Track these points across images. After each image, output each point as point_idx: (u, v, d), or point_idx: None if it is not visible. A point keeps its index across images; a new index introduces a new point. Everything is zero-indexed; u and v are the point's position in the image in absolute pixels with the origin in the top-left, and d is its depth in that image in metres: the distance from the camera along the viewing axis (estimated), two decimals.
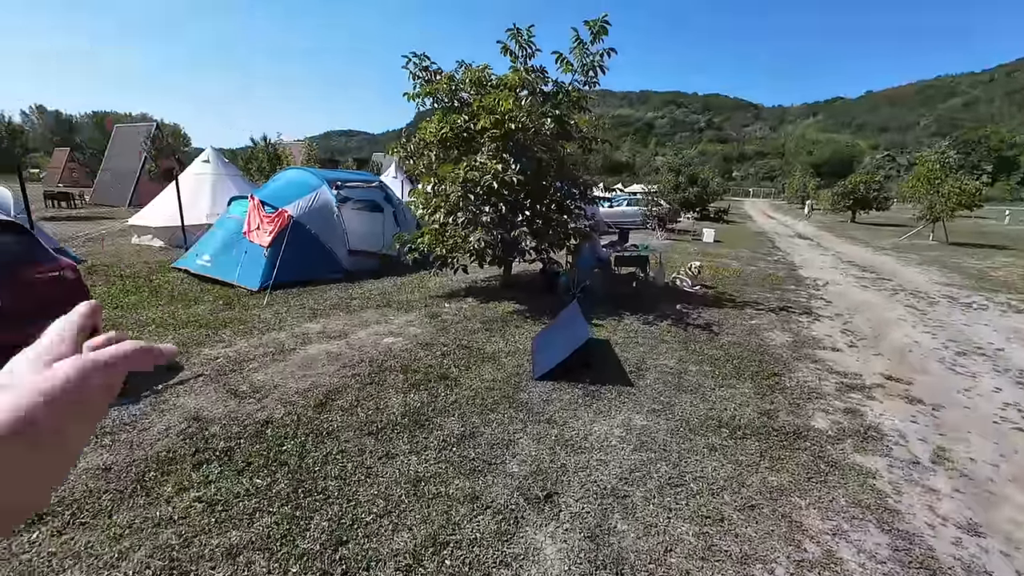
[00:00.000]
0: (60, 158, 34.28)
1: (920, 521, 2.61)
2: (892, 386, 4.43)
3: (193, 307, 6.16)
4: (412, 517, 2.46)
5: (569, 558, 2.25)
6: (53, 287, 3.80)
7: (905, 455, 3.26)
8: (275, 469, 2.78)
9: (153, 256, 9.58)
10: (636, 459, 3.09)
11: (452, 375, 4.25)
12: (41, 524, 2.28)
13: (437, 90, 6.68)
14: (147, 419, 3.30)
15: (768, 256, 13.04)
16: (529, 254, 7.08)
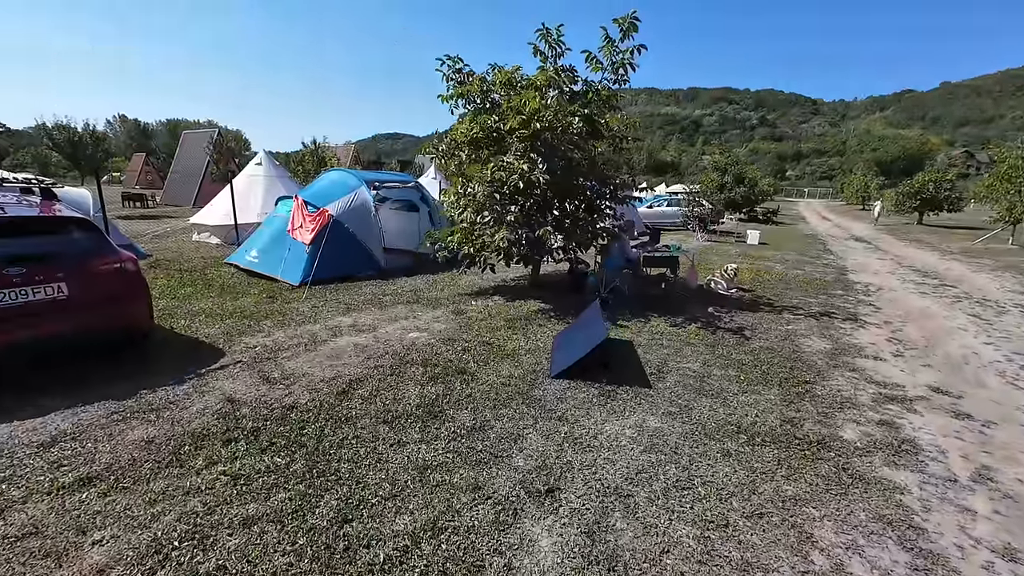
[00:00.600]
0: (137, 162, 37.52)
1: (948, 541, 2.43)
2: (938, 399, 4.11)
3: (240, 299, 6.62)
4: (415, 502, 2.56)
5: (563, 551, 2.27)
6: (115, 278, 4.22)
7: (942, 472, 3.03)
8: (294, 450, 2.98)
9: (210, 252, 10.34)
10: (644, 460, 3.06)
11: (470, 370, 4.35)
12: (91, 486, 2.57)
13: (469, 92, 6.83)
14: (188, 399, 3.61)
15: (817, 259, 12.33)
16: (556, 254, 7.08)
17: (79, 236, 4.23)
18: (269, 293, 6.99)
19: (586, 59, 6.30)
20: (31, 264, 3.76)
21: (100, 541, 2.19)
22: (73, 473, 2.67)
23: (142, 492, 2.54)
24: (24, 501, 2.45)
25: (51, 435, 3.06)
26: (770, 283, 8.82)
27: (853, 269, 11.07)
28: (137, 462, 2.79)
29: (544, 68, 6.43)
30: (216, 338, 5.01)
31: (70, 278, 3.91)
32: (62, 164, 26.29)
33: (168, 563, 2.09)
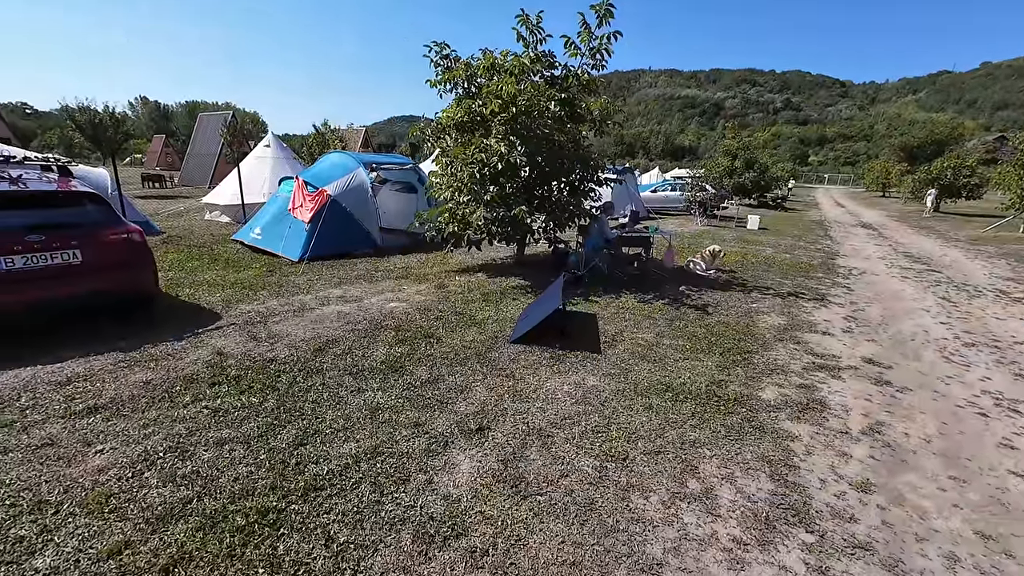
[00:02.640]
0: (157, 144, 38.59)
1: (814, 477, 2.79)
2: (867, 369, 4.41)
3: (242, 272, 7.16)
4: (362, 434, 3.02)
5: (477, 473, 2.71)
6: (123, 247, 4.74)
7: (837, 426, 3.37)
8: (268, 392, 3.47)
9: (219, 230, 10.94)
10: (573, 410, 3.46)
11: (437, 335, 4.79)
12: (97, 413, 3.10)
13: (455, 76, 7.13)
14: (184, 352, 4.13)
15: (812, 245, 12.40)
16: (536, 233, 7.43)
17: (91, 209, 4.75)
18: (270, 267, 7.51)
19: (564, 44, 6.54)
20: (49, 232, 4.29)
21: (101, 451, 2.71)
22: (83, 404, 3.21)
23: (137, 419, 3.05)
24: (43, 422, 2.98)
25: (67, 376, 3.60)
26: (753, 266, 9.03)
27: (845, 254, 11.15)
28: (135, 398, 3.32)
29: (524, 54, 6.69)
30: (215, 304, 5.54)
31: (83, 246, 4.44)
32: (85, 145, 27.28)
33: (153, 467, 2.59)
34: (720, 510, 2.49)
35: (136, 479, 2.50)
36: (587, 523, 2.36)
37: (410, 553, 2.13)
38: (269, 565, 2.02)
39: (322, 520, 2.29)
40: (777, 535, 2.33)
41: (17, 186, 4.46)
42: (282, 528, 2.22)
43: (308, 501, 2.41)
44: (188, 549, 2.07)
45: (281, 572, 2.00)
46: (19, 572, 1.92)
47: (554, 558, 2.14)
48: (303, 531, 2.22)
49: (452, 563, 2.09)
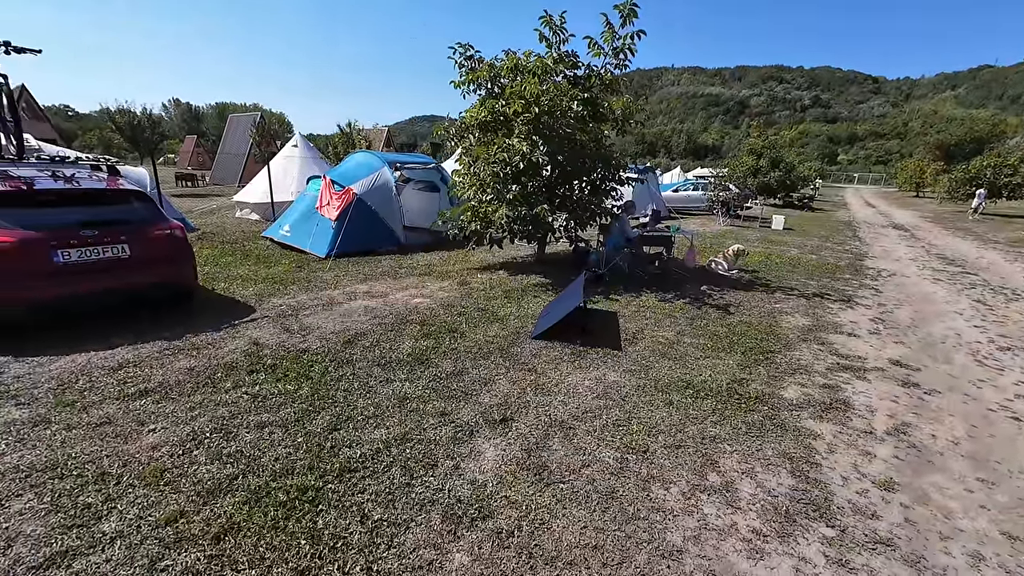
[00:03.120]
0: (189, 144, 39.96)
1: (836, 474, 2.81)
2: (893, 370, 4.35)
3: (272, 268, 7.44)
4: (391, 421, 3.17)
5: (502, 460, 2.82)
6: (166, 242, 5.01)
7: (861, 426, 3.36)
8: (302, 381, 3.65)
9: (249, 227, 11.33)
10: (594, 404, 3.54)
11: (461, 330, 4.92)
12: (147, 396, 3.32)
13: (479, 77, 7.25)
14: (223, 341, 4.36)
15: (840, 246, 12.12)
16: (557, 232, 7.49)
17: (138, 206, 5.04)
18: (298, 263, 7.78)
19: (588, 45, 6.60)
20: (101, 228, 4.58)
21: (154, 430, 2.92)
22: (135, 388, 3.44)
23: (184, 402, 3.26)
24: (100, 403, 3.22)
25: (118, 362, 3.85)
26: (777, 266, 8.90)
27: (874, 256, 10.88)
28: (181, 383, 3.54)
29: (547, 54, 6.76)
30: (249, 298, 5.80)
31: (131, 241, 4.72)
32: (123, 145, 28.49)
33: (201, 446, 2.78)
34: (740, 503, 2.54)
35: (186, 456, 2.69)
36: (608, 510, 2.44)
37: (440, 532, 2.25)
38: (310, 537, 2.17)
39: (357, 499, 2.43)
40: (797, 528, 2.37)
41: (71, 184, 4.77)
42: (320, 505, 2.37)
43: (343, 481, 2.56)
44: (236, 520, 2.24)
45: (321, 544, 2.14)
46: (89, 534, 2.12)
47: (577, 541, 2.23)
48: (340, 508, 2.36)
49: (480, 542, 2.20)
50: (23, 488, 2.38)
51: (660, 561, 2.14)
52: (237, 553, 2.06)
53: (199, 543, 2.10)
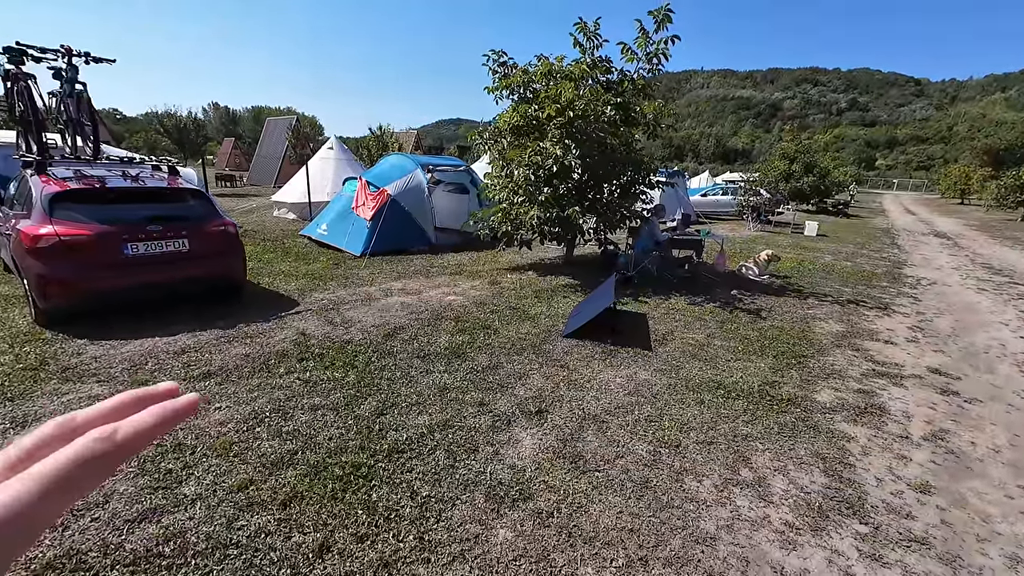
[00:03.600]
0: (227, 146, 41.64)
1: (870, 476, 2.83)
2: (932, 379, 4.29)
3: (311, 264, 7.79)
4: (433, 409, 3.35)
5: (539, 448, 2.96)
6: (221, 237, 5.36)
7: (897, 431, 3.36)
8: (348, 369, 3.87)
9: (287, 225, 11.83)
10: (626, 400, 3.64)
11: (494, 327, 5.08)
12: (210, 378, 3.60)
13: (512, 83, 7.44)
14: (273, 332, 4.64)
15: (877, 253, 11.78)
16: (587, 234, 7.59)
17: (195, 204, 5.40)
18: (335, 261, 8.11)
19: (622, 51, 6.69)
20: (164, 223, 4.94)
21: (219, 408, 3.18)
22: (198, 371, 3.73)
23: (244, 384, 3.53)
24: None
25: (180, 347, 4.17)
26: (810, 272, 8.76)
27: (914, 264, 10.55)
28: (239, 367, 3.81)
29: (581, 60, 6.89)
30: (292, 292, 6.12)
31: (190, 236, 5.07)
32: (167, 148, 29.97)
33: (261, 424, 3.02)
34: (773, 497, 2.60)
35: (250, 432, 2.93)
36: (643, 498, 2.55)
37: (484, 509, 2.41)
38: (366, 508, 2.36)
39: (406, 477, 2.61)
40: (830, 523, 2.43)
41: (138, 183, 5.16)
42: (373, 480, 2.56)
43: (392, 461, 2.75)
44: (299, 490, 2.45)
45: (376, 515, 2.32)
46: (172, 495, 2.36)
47: (613, 524, 2.35)
48: (391, 484, 2.55)
49: (521, 521, 2.35)
50: None
51: (694, 546, 2.24)
52: (302, 518, 2.27)
53: (268, 508, 2.32)
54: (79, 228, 4.43)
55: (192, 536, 2.12)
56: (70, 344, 4.12)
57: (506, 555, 2.14)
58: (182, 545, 2.07)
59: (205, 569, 1.97)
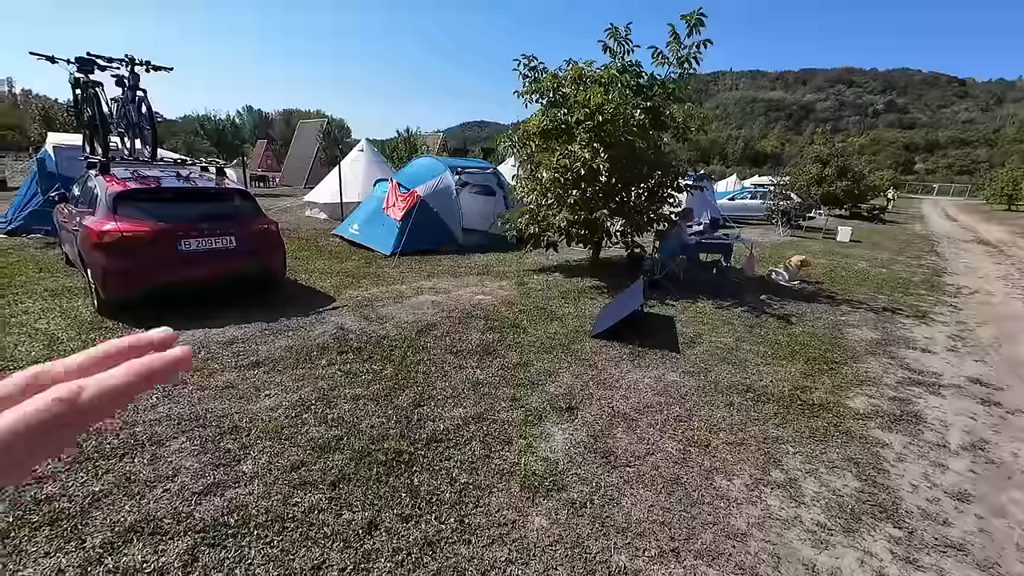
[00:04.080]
0: (260, 148, 43.09)
1: (906, 482, 2.82)
2: (972, 388, 4.19)
3: (344, 263, 8.07)
4: (467, 402, 3.48)
5: (571, 443, 3.05)
6: (263, 235, 5.64)
7: (934, 439, 3.31)
8: (386, 363, 4.05)
9: (320, 225, 12.23)
10: (655, 400, 3.70)
11: (523, 326, 5.20)
12: (259, 368, 3.83)
13: (542, 87, 7.55)
14: (313, 326, 4.87)
15: (914, 260, 11.40)
16: (613, 237, 7.63)
17: (242, 204, 5.70)
18: (367, 260, 8.38)
19: (652, 55, 6.73)
20: (213, 221, 5.24)
21: (268, 395, 3.39)
22: (247, 360, 3.96)
23: (289, 374, 3.74)
24: (221, 372, 3.75)
25: (229, 338, 4.43)
26: (842, 279, 8.57)
27: (954, 272, 10.17)
28: (284, 358, 4.03)
29: (611, 65, 6.96)
30: (328, 289, 6.37)
31: (237, 234, 5.36)
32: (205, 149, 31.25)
33: (307, 411, 3.21)
34: (804, 498, 2.63)
35: (298, 418, 3.12)
36: (674, 494, 2.61)
37: (519, 497, 2.52)
38: (409, 492, 2.50)
39: (445, 464, 2.75)
40: (863, 526, 2.44)
41: (190, 183, 5.48)
42: (414, 467, 2.71)
43: (431, 449, 2.89)
44: (346, 472, 2.61)
45: (419, 498, 2.46)
46: (233, 472, 2.55)
47: (645, 517, 2.42)
48: (431, 471, 2.68)
49: (556, 510, 2.45)
50: (177, 432, 2.88)
51: (725, 540, 2.29)
52: (351, 498, 2.42)
53: (319, 487, 2.48)
54: (139, 225, 4.75)
55: (253, 509, 2.30)
56: (129, 333, 4.43)
57: (542, 540, 2.24)
58: (245, 517, 2.25)
59: (266, 539, 2.14)
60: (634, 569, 2.11)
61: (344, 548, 2.12)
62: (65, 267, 6.68)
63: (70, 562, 1.97)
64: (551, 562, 2.13)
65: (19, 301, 5.16)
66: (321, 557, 2.07)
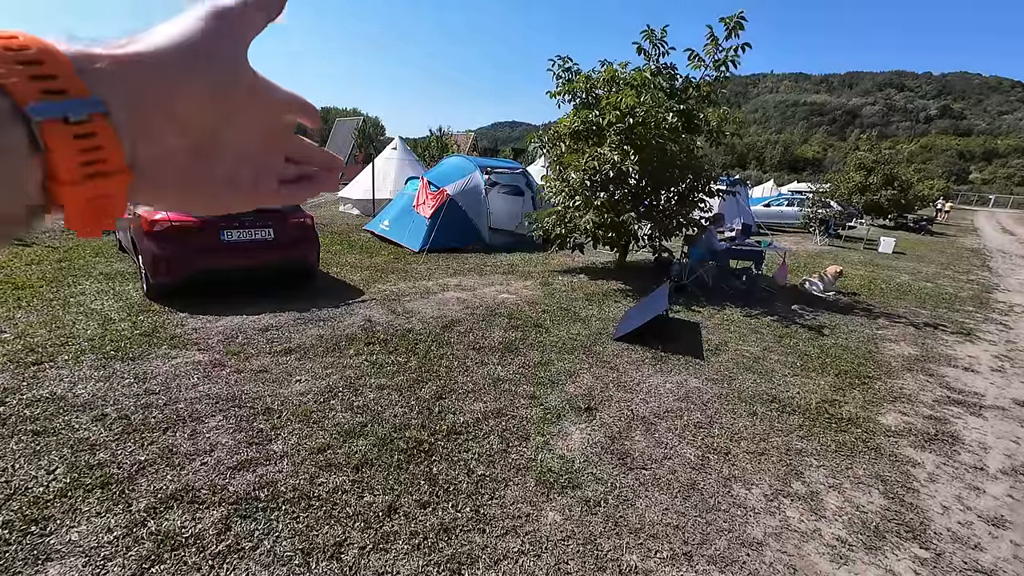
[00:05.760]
0: None
1: (936, 503, 2.71)
2: (1018, 411, 3.97)
3: (374, 258, 8.30)
4: (487, 398, 3.55)
5: (588, 443, 3.08)
6: (300, 228, 5.88)
7: (971, 461, 3.17)
8: (410, 355, 4.17)
9: (352, 220, 12.59)
10: (675, 405, 3.67)
11: (545, 325, 5.24)
12: (291, 354, 4.01)
13: (575, 88, 7.56)
14: (342, 317, 5.05)
15: (963, 275, 10.80)
16: (641, 240, 7.57)
17: None
18: (396, 255, 8.59)
19: (688, 58, 6.64)
20: (254, 213, 5.50)
21: (299, 380, 3.56)
22: (280, 347, 4.16)
23: (319, 362, 3.91)
24: (256, 356, 3.95)
25: (264, 325, 4.65)
26: (882, 292, 8.22)
27: (1008, 288, 9.59)
28: (314, 346, 4.21)
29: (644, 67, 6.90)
30: (357, 283, 6.58)
31: (275, 225, 5.61)
32: None
33: (335, 397, 3.35)
34: (826, 512, 2.57)
35: (326, 403, 3.26)
36: (690, 499, 2.60)
37: (534, 492, 2.57)
38: (428, 480, 2.59)
39: (463, 456, 2.82)
40: (887, 544, 2.37)
41: None
42: (434, 456, 2.79)
43: (450, 441, 2.97)
44: (369, 457, 2.72)
45: (437, 486, 2.54)
46: (264, 451, 2.71)
47: (659, 520, 2.43)
48: (449, 461, 2.77)
49: (570, 507, 2.48)
50: (214, 411, 3.06)
51: (740, 548, 2.28)
52: (373, 482, 2.53)
53: (343, 470, 2.60)
54: (187, 215, 5.04)
55: (281, 486, 2.44)
56: (174, 316, 4.71)
57: (555, 535, 2.28)
58: (274, 493, 2.39)
59: (293, 514, 2.27)
60: (645, 569, 2.13)
61: (365, 528, 2.22)
62: (118, 252, 7.14)
63: (118, 523, 2.15)
64: (562, 556, 2.16)
65: (77, 283, 5.56)
66: (343, 535, 2.17)
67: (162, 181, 0.28)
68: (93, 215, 0.25)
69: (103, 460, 2.55)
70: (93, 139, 0.24)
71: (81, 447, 2.64)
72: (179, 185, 0.29)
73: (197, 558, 2.00)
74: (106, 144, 0.24)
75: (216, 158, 0.30)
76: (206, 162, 0.30)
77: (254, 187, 0.32)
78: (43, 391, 3.16)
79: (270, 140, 0.32)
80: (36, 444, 2.64)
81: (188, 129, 0.28)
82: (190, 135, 0.28)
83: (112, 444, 2.68)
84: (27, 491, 2.29)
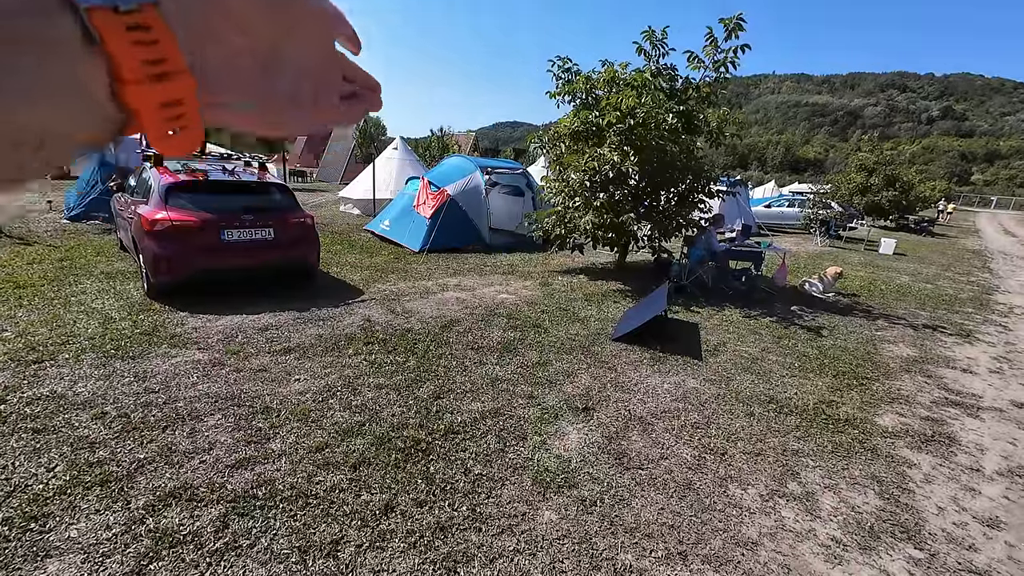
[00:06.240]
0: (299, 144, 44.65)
1: (932, 504, 2.72)
2: (1016, 413, 3.97)
3: (374, 257, 8.32)
4: (484, 397, 3.56)
5: (585, 443, 3.09)
6: (299, 228, 5.90)
7: (967, 462, 3.17)
8: (409, 355, 4.18)
9: (353, 220, 12.62)
10: (672, 406, 3.68)
11: (544, 326, 5.25)
12: (290, 354, 4.03)
13: (574, 88, 7.57)
14: (342, 316, 5.07)
15: (963, 276, 10.80)
16: (640, 241, 7.58)
17: (280, 197, 5.98)
18: (396, 255, 8.61)
19: (688, 59, 6.65)
20: (254, 213, 5.52)
21: (298, 380, 3.57)
22: (279, 346, 4.18)
23: (318, 361, 3.92)
24: (256, 355, 3.97)
25: (264, 325, 4.67)
26: (882, 293, 8.22)
27: (1008, 290, 9.58)
28: (314, 346, 4.23)
29: (645, 68, 6.91)
30: (357, 282, 6.59)
31: (275, 225, 5.63)
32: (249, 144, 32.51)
33: (333, 397, 3.37)
34: (820, 512, 2.58)
35: (324, 403, 3.28)
36: (685, 499, 2.61)
37: (531, 491, 2.58)
38: (425, 479, 2.60)
39: (460, 455, 2.84)
40: (881, 544, 2.38)
41: (234, 177, 5.79)
42: (431, 455, 2.81)
43: (448, 440, 2.98)
44: (367, 456, 2.73)
45: (434, 485, 2.56)
46: (261, 449, 2.72)
47: (655, 519, 2.44)
48: (447, 460, 2.78)
49: (566, 506, 2.49)
50: (213, 410, 3.08)
51: (735, 548, 2.29)
52: (370, 481, 2.54)
53: (341, 468, 2.62)
54: (188, 215, 5.07)
55: (279, 484, 2.45)
56: (175, 315, 4.74)
57: (550, 534, 2.30)
58: (272, 491, 2.41)
59: (291, 512, 2.28)
60: (640, 568, 2.14)
61: (362, 526, 2.24)
62: (119, 252, 7.17)
63: (116, 520, 2.16)
64: (557, 555, 2.18)
65: (78, 282, 5.58)
66: (340, 533, 2.19)
67: (226, 90, 0.27)
68: (170, 123, 0.24)
69: (102, 458, 2.56)
70: (148, 32, 0.22)
71: (81, 445, 2.66)
72: (244, 98, 0.28)
73: (195, 555, 2.02)
74: (162, 38, 0.22)
75: (278, 72, 0.29)
76: (269, 76, 0.29)
77: (315, 103, 0.32)
78: (44, 389, 3.19)
79: (329, 55, 0.32)
80: (36, 442, 2.65)
81: (248, 31, 0.26)
82: (250, 39, 0.27)
83: (112, 442, 2.70)
84: (27, 488, 2.31)
